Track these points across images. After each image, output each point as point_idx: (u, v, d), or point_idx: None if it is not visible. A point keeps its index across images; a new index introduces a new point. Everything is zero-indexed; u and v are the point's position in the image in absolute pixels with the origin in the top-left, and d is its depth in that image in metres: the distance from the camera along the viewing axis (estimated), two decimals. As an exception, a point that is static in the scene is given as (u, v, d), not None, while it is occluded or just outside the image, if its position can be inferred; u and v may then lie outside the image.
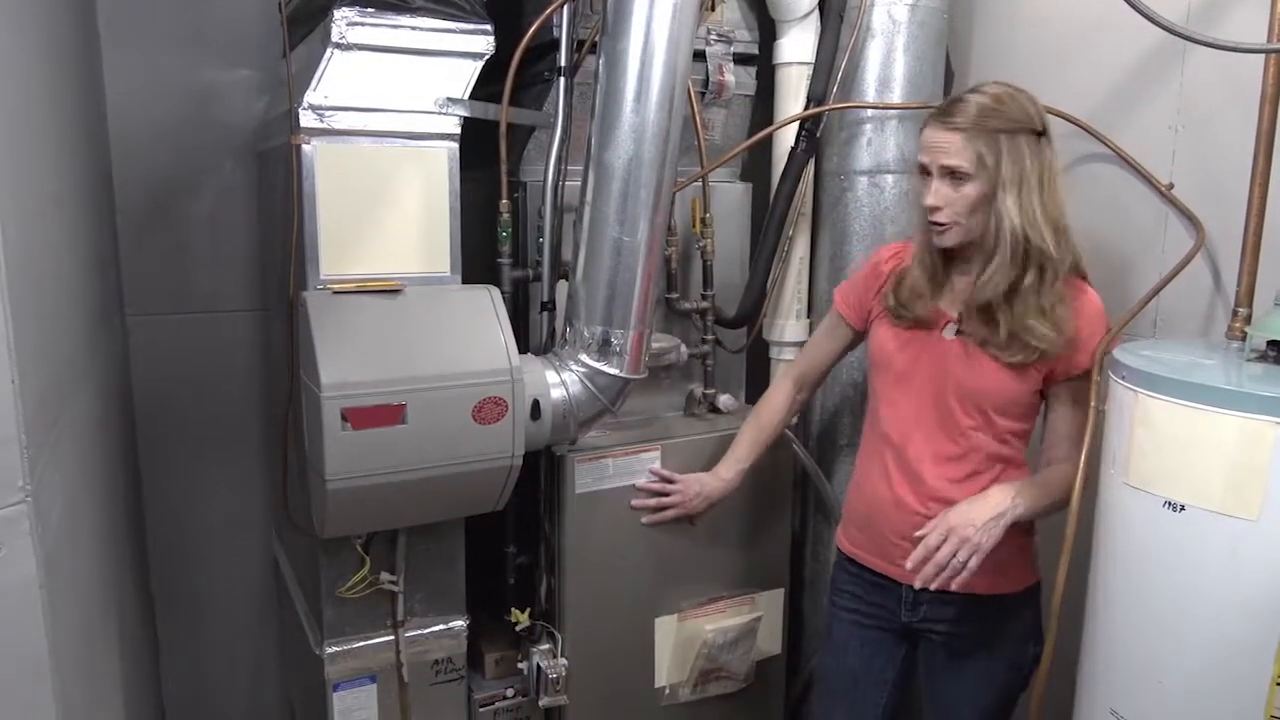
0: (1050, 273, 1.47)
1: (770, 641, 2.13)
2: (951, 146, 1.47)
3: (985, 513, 1.44)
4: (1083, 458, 1.45)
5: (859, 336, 1.77)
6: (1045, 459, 1.57)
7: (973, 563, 1.41)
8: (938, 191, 1.49)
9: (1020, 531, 1.54)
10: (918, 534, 1.47)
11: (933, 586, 1.44)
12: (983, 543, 1.41)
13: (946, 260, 1.59)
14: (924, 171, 1.53)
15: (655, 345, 1.94)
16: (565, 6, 1.78)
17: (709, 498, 1.88)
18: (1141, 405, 1.25)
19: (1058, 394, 1.54)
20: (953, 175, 1.48)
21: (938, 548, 1.43)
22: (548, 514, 1.90)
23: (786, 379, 1.89)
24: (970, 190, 1.47)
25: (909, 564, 1.46)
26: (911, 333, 1.62)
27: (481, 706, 1.93)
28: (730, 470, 1.87)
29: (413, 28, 1.60)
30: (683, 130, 1.68)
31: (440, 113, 1.64)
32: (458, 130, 1.66)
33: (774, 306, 2.18)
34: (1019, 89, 1.50)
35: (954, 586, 1.43)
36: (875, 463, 1.66)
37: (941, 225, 1.51)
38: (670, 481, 1.89)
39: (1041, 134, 1.48)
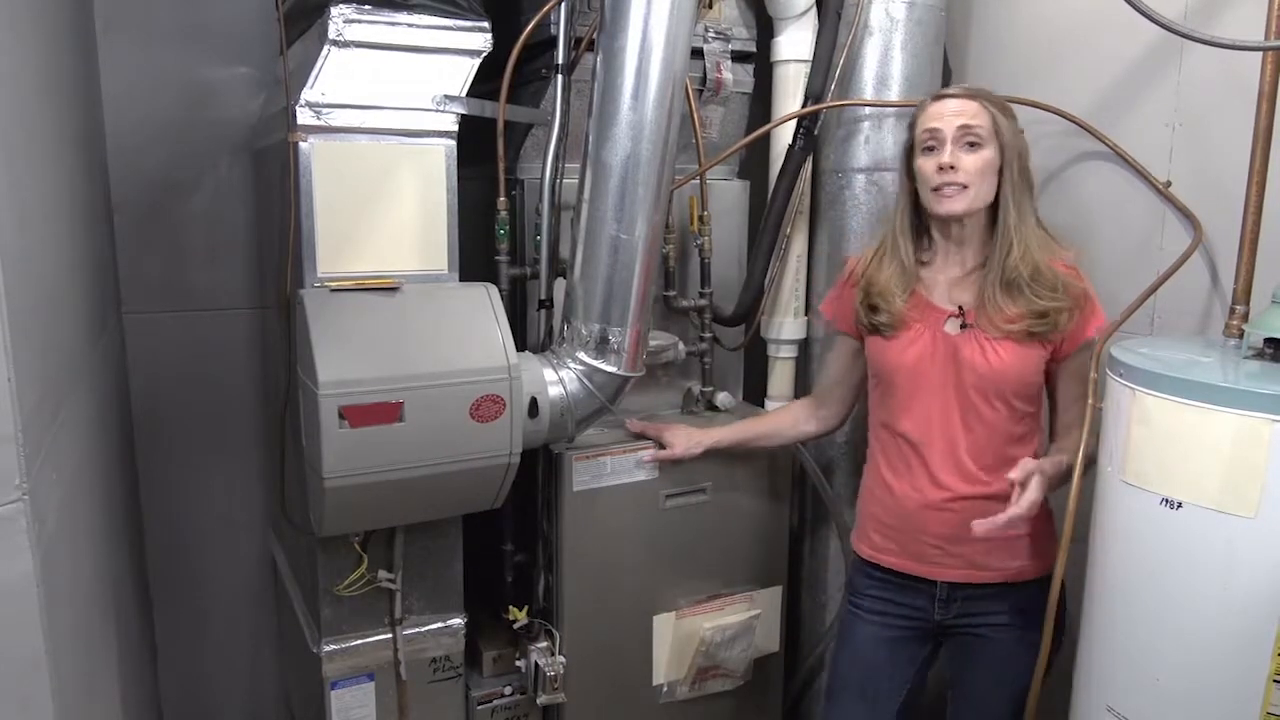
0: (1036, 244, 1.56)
1: (768, 639, 2.13)
2: (969, 110, 1.54)
3: (1045, 492, 1.47)
4: (1081, 449, 1.46)
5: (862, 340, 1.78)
6: (1062, 426, 1.62)
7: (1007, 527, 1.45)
8: (954, 154, 1.53)
9: (1047, 513, 1.61)
10: (1006, 516, 1.44)
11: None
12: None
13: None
14: (925, 148, 1.57)
15: (653, 343, 1.94)
16: (563, 4, 1.78)
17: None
18: (1139, 403, 1.25)
19: (1065, 368, 1.59)
20: (969, 139, 1.53)
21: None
22: (546, 512, 1.90)
23: (808, 395, 1.95)
24: (989, 154, 1.53)
25: (978, 530, 1.45)
26: (908, 335, 1.62)
27: (479, 704, 1.93)
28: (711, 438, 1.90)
29: (410, 25, 1.60)
30: (680, 128, 1.68)
31: (438, 110, 1.63)
32: (455, 128, 1.66)
33: (772, 304, 2.18)
34: None
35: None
36: (896, 468, 1.65)
37: (955, 187, 1.54)
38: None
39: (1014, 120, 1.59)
